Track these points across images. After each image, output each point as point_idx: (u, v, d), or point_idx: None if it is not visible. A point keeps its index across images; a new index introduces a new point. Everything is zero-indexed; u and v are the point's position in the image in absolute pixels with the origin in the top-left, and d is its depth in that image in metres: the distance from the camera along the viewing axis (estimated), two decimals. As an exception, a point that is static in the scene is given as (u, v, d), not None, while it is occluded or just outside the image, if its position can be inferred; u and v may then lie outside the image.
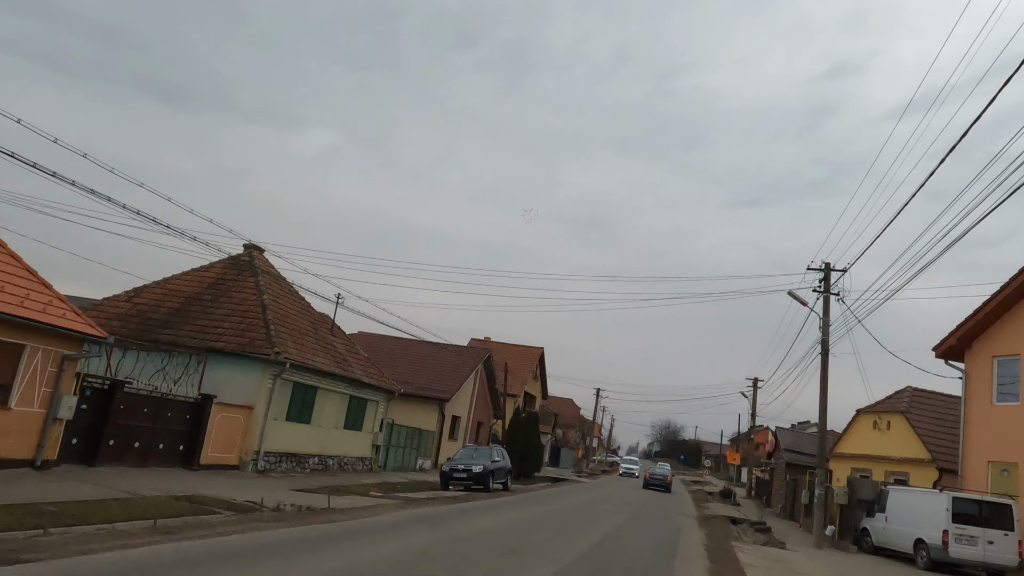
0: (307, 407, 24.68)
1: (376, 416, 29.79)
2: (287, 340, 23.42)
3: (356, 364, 28.31)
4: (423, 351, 40.98)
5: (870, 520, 20.64)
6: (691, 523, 24.02)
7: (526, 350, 55.77)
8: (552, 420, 67.50)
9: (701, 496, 44.12)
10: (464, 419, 40.81)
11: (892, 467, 25.05)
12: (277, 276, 27.49)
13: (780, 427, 37.48)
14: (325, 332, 27.89)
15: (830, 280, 21.88)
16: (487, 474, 25.41)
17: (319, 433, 25.49)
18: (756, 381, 52.41)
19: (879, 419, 26.29)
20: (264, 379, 22.08)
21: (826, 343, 21.47)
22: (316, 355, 24.93)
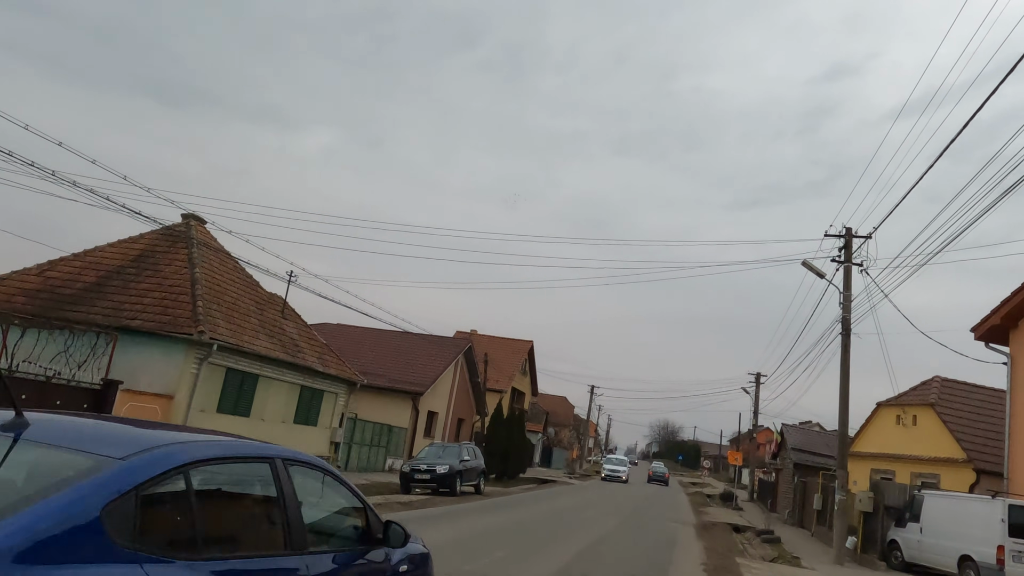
0: (246, 398, 21.40)
1: (335, 410, 26.50)
2: (218, 319, 20.13)
3: (310, 351, 25.03)
4: (396, 341, 37.71)
5: (900, 531, 17.38)
6: (688, 533, 20.75)
7: (514, 343, 52.45)
8: (543, 418, 64.21)
9: (700, 499, 40.83)
10: (442, 415, 37.51)
11: (919, 468, 21.79)
12: (219, 250, 24.20)
13: (787, 424, 34.38)
14: (275, 314, 24.60)
15: (851, 248, 18.62)
16: (453, 475, 22.12)
17: (261, 428, 22.17)
18: (759, 376, 49.23)
19: (903, 413, 23.02)
20: (187, 363, 18.81)
21: (847, 320, 18.21)
22: (257, 338, 21.65)
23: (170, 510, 3.05)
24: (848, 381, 17.92)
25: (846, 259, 18.65)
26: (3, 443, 2.84)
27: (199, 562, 2.94)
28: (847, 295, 18.34)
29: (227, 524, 3.53)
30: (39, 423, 3.23)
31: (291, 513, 3.64)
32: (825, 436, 34.04)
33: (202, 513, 3.17)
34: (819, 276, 18.75)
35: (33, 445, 2.96)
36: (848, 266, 18.54)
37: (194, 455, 3.20)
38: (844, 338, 18.17)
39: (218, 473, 3.48)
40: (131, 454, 2.89)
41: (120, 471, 2.77)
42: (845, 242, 18.75)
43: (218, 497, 3.57)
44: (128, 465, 2.82)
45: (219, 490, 3.58)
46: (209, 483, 3.40)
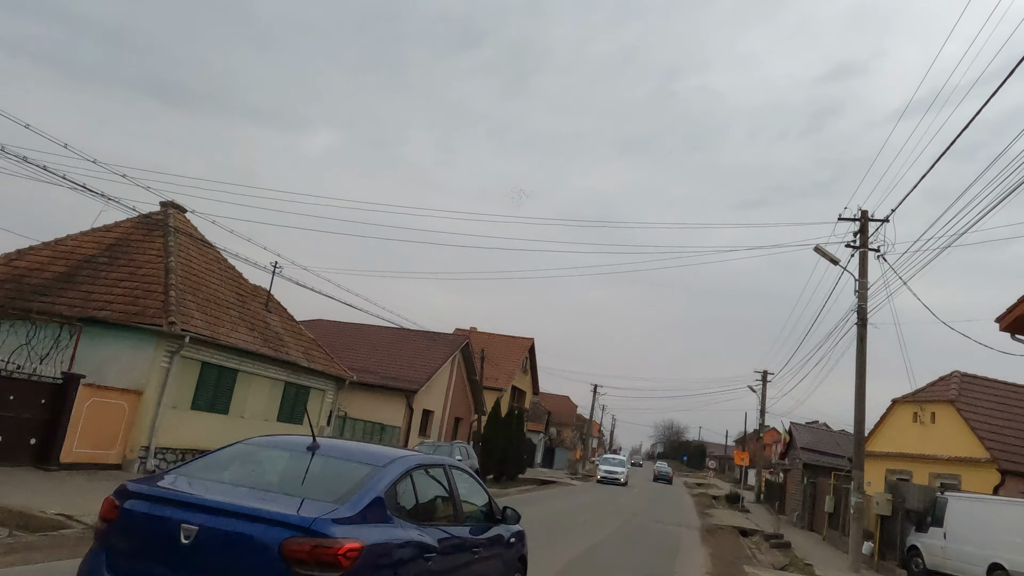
0: (223, 394, 20.23)
1: (323, 408, 25.33)
2: (193, 310, 18.97)
3: (296, 345, 23.86)
4: (391, 338, 36.55)
5: (921, 536, 16.10)
6: (692, 537, 19.51)
7: (514, 340, 51.20)
8: (545, 418, 62.94)
9: (705, 501, 39.54)
10: (438, 414, 36.31)
11: (938, 468, 20.50)
12: (199, 240, 23.03)
13: (796, 423, 33.00)
14: (258, 307, 23.45)
15: (868, 232, 17.36)
16: (444, 476, 20.87)
17: (241, 426, 20.99)
18: (765, 374, 47.86)
19: (920, 410, 21.70)
20: (157, 357, 17.64)
21: (863, 310, 16.95)
22: (236, 331, 20.48)
23: (405, 494, 5.01)
24: (864, 374, 16.65)
25: (862, 244, 17.40)
26: (307, 457, 5.06)
27: (419, 525, 4.95)
28: (863, 282, 17.08)
29: (429, 503, 5.48)
30: (326, 444, 5.37)
31: (456, 499, 5.84)
32: (835, 435, 32.73)
33: (418, 496, 5.20)
34: (832, 262, 17.49)
35: (328, 458, 5.09)
36: (864, 251, 17.29)
37: (412, 463, 5.32)
38: (860, 328, 16.90)
39: (423, 474, 5.46)
40: (386, 463, 5.03)
41: (384, 473, 4.88)
42: (860, 226, 17.50)
43: (424, 487, 5.44)
44: (386, 469, 4.93)
45: (424, 484, 5.46)
46: (420, 480, 5.35)
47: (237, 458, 5.24)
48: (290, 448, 5.32)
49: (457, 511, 5.81)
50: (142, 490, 4.45)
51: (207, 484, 4.68)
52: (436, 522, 5.38)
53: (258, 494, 4.49)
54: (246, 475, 4.99)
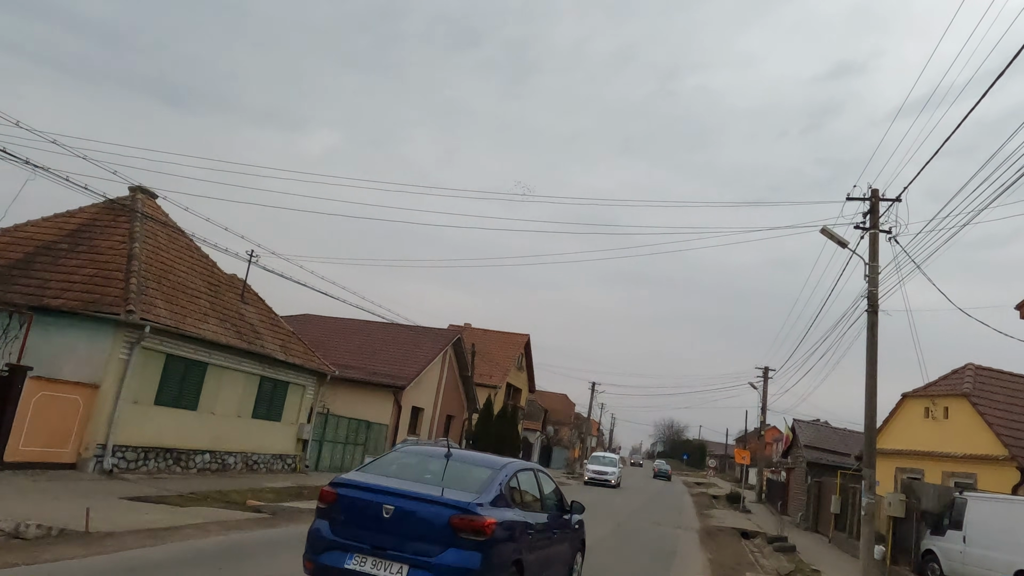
0: (191, 389, 19.02)
1: (303, 404, 24.12)
2: (156, 299, 17.76)
3: (273, 338, 22.65)
4: (379, 333, 35.35)
5: (937, 540, 14.88)
6: (690, 541, 18.30)
7: (509, 336, 49.97)
8: (542, 416, 61.68)
9: (704, 501, 38.32)
10: (429, 411, 35.09)
11: (952, 466, 19.27)
12: (170, 227, 21.81)
13: (800, 420, 31.75)
14: (233, 298, 22.23)
15: (878, 212, 16.12)
16: (426, 476, 19.66)
17: (211, 423, 19.82)
18: (767, 371, 46.63)
19: (933, 405, 20.47)
20: (115, 348, 16.44)
21: (874, 296, 15.72)
22: (205, 321, 19.27)
23: (513, 489, 7.24)
24: (875, 365, 15.42)
25: (872, 225, 16.16)
26: (445, 462, 7.15)
27: (522, 510, 7.14)
28: (874, 266, 15.84)
29: (526, 496, 7.72)
30: (456, 453, 7.49)
31: (542, 494, 8.30)
32: (839, 433, 31.52)
33: (520, 491, 7.48)
34: (841, 245, 16.26)
35: (461, 463, 7.25)
36: (875, 233, 16.05)
37: (516, 468, 7.67)
38: (871, 315, 15.67)
39: (522, 475, 7.81)
40: (500, 467, 7.30)
41: (500, 474, 7.05)
42: (871, 205, 16.26)
43: (523, 485, 7.80)
44: (501, 472, 7.14)
45: (523, 482, 7.81)
46: (521, 479, 7.67)
47: (397, 462, 7.53)
48: (433, 455, 7.62)
49: (542, 503, 8.26)
50: (350, 482, 6.76)
51: (388, 480, 6.85)
52: (530, 509, 7.67)
53: (425, 487, 6.68)
54: (409, 473, 7.15)
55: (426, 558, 6.18)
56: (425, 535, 6.26)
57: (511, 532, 6.74)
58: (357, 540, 6.39)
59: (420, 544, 6.24)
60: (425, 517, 6.31)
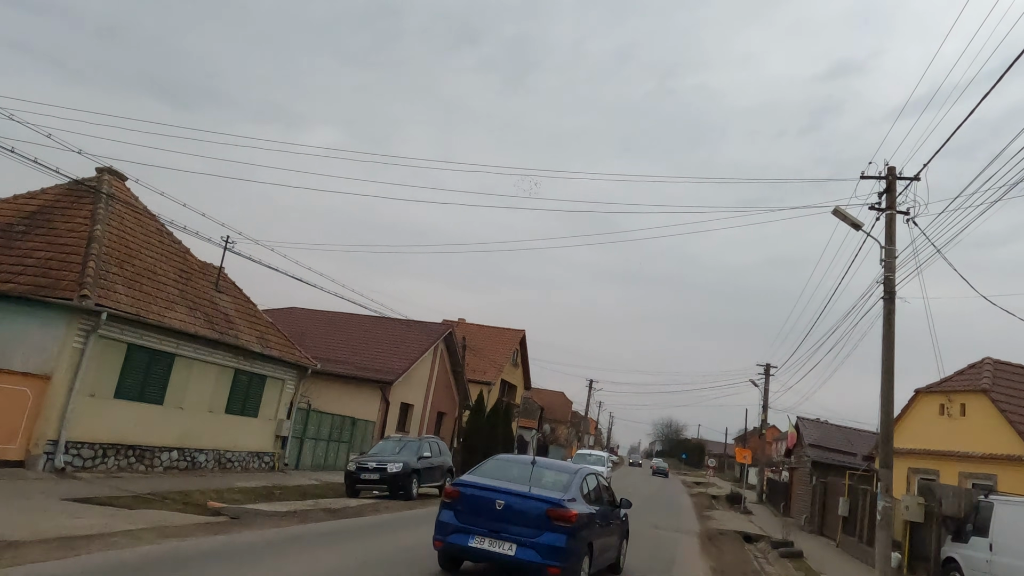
0: (157, 381, 17.76)
1: (282, 399, 22.87)
2: (117, 284, 16.51)
3: (249, 329, 21.40)
4: (368, 326, 34.10)
5: (960, 547, 13.64)
6: (691, 546, 17.07)
7: (504, 332, 48.73)
8: (538, 413, 60.49)
9: (704, 502, 37.10)
10: (419, 408, 33.84)
11: (970, 467, 18.06)
12: (140, 210, 20.55)
13: (803, 417, 30.50)
14: (206, 286, 20.98)
15: (895, 191, 14.89)
16: (408, 475, 18.43)
17: (180, 418, 18.58)
18: (768, 368, 45.45)
19: (948, 402, 19.25)
20: (69, 336, 15.19)
21: (891, 282, 14.48)
22: (172, 309, 18.02)
23: (584, 488, 9.65)
24: (892, 356, 14.19)
25: (889, 205, 14.92)
26: (530, 467, 9.47)
27: (590, 505, 9.43)
28: (890, 249, 14.61)
29: (592, 494, 9.91)
30: (540, 461, 10.07)
31: (600, 492, 10.56)
32: (845, 431, 30.29)
33: (588, 490, 9.78)
34: (854, 227, 15.02)
35: (544, 468, 9.79)
36: (891, 214, 14.81)
37: (585, 472, 10.13)
38: (887, 303, 14.43)
39: (587, 478, 10.14)
40: (575, 472, 9.90)
41: (576, 477, 9.62)
42: (887, 184, 15.02)
43: (589, 485, 10.00)
44: (576, 475, 9.69)
45: (590, 483, 10.11)
46: (588, 481, 10.23)
47: (496, 467, 9.90)
48: (521, 462, 10.07)
49: (600, 499, 10.38)
50: (469, 483, 9.07)
51: (495, 481, 9.06)
52: (595, 504, 9.81)
53: (522, 486, 8.84)
54: (507, 476, 9.31)
55: (528, 538, 8.39)
56: (527, 522, 8.48)
57: (586, 521, 9.10)
58: (476, 525, 8.59)
59: (523, 528, 8.46)
60: (527, 509, 8.54)
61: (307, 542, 10.35)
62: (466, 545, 8.56)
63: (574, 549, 8.55)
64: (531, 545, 8.32)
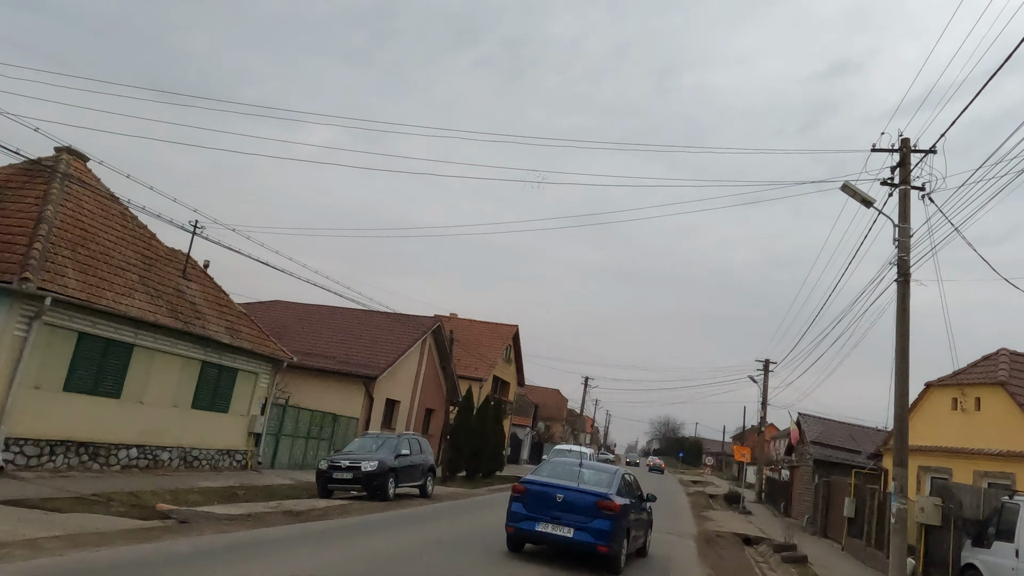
0: (113, 373, 16.51)
1: (255, 393, 21.62)
2: (67, 268, 15.26)
3: (219, 319, 20.15)
4: (353, 320, 32.86)
5: (982, 553, 12.45)
6: (687, 551, 15.87)
7: (496, 328, 47.45)
8: (532, 411, 59.28)
9: (701, 501, 35.92)
10: (406, 404, 32.61)
11: (985, 465, 16.88)
12: (102, 192, 19.28)
13: (805, 414, 29.29)
14: (172, 273, 19.73)
15: (910, 165, 13.67)
16: (384, 474, 17.19)
17: (140, 413, 17.34)
18: (767, 363, 44.30)
19: (962, 395, 18.07)
20: (9, 323, 13.93)
21: (905, 263, 13.28)
22: (130, 296, 16.77)
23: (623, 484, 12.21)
24: (908, 342, 12.98)
25: (902, 180, 13.70)
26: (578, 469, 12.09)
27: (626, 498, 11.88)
28: (904, 228, 13.39)
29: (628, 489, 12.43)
30: (586, 463, 12.72)
31: (632, 487, 12.98)
32: (848, 428, 29.12)
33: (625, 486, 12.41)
34: (865, 204, 13.79)
35: (590, 469, 12.36)
36: (906, 189, 13.59)
37: (623, 472, 12.88)
38: (901, 286, 13.22)
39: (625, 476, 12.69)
40: (615, 472, 12.55)
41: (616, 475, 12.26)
42: (901, 158, 13.80)
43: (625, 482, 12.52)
44: (616, 474, 12.37)
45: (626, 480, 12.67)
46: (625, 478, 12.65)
47: (551, 468, 12.64)
48: (571, 464, 12.59)
49: (632, 493, 12.71)
50: (534, 481, 11.45)
51: (554, 479, 11.53)
52: (629, 498, 12.12)
53: (574, 483, 11.28)
54: (562, 475, 11.82)
55: (583, 524, 10.59)
56: (581, 511, 10.69)
57: (625, 510, 11.25)
58: (540, 513, 10.83)
59: (578, 516, 10.67)
60: (580, 500, 10.80)
61: (243, 552, 9.09)
62: (534, 530, 10.95)
63: (617, 532, 10.89)
64: (585, 529, 10.64)
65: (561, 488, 11.01)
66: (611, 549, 10.56)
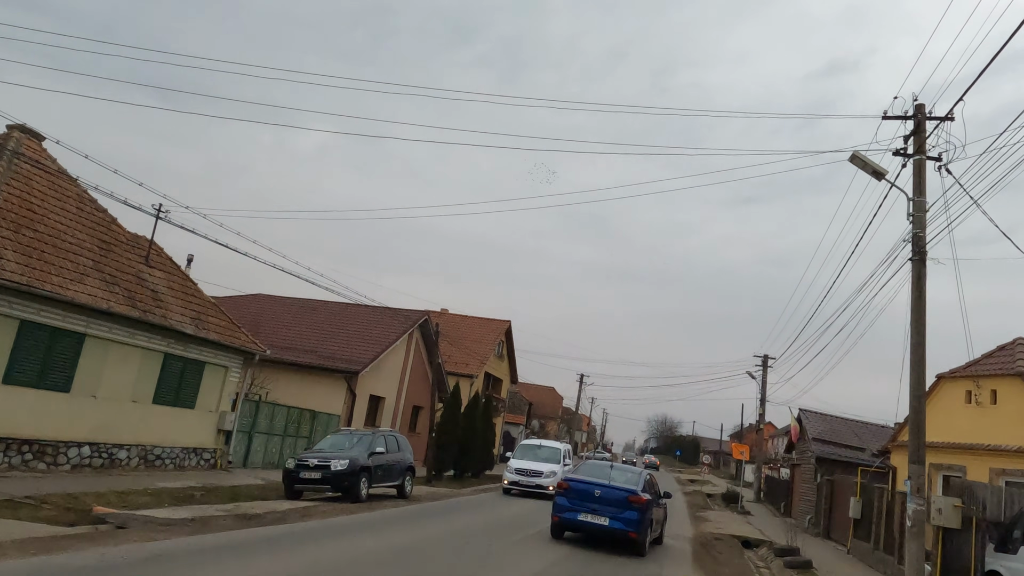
0: (62, 365, 15.27)
1: (224, 388, 20.36)
2: (6, 250, 14.01)
3: (183, 309, 18.90)
4: (337, 313, 31.62)
5: (1008, 560, 11.23)
6: (681, 556, 14.66)
7: (488, 323, 46.21)
8: (526, 409, 58.05)
9: (699, 501, 34.72)
10: (391, 401, 31.38)
11: (1003, 462, 15.67)
12: (56, 173, 18.02)
13: (806, 410, 28.11)
14: (133, 259, 18.49)
15: (925, 133, 12.45)
16: (355, 474, 15.94)
17: (93, 408, 16.10)
18: (766, 359, 43.17)
19: (977, 388, 16.88)
20: (-63, 308, 12.66)
21: (921, 240, 12.08)
22: (81, 282, 15.52)
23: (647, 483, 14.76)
24: (924, 327, 11.79)
25: (917, 149, 12.49)
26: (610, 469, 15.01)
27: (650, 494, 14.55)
28: (920, 202, 12.19)
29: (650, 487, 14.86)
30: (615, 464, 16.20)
31: (653, 485, 15.34)
32: (851, 425, 27.95)
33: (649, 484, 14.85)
34: (876, 176, 12.59)
35: (618, 470, 15.21)
36: (921, 159, 12.38)
37: (647, 473, 15.72)
38: (916, 265, 12.02)
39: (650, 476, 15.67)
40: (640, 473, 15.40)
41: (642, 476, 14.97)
42: (915, 125, 12.60)
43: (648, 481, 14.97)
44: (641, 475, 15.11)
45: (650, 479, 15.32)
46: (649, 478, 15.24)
47: (590, 467, 15.55)
48: (603, 466, 15.39)
49: (653, 490, 14.77)
50: (575, 479, 13.99)
51: (593, 477, 14.07)
52: (650, 494, 14.00)
53: (607, 481, 13.72)
54: (597, 475, 14.22)
55: (616, 514, 13.14)
56: (615, 504, 13.23)
57: (650, 503, 13.71)
58: (581, 505, 13.36)
59: (613, 507, 13.20)
60: (614, 495, 13.33)
61: (153, 566, 7.81)
62: (576, 519, 13.40)
63: (644, 522, 13.24)
64: (618, 519, 13.09)
65: (598, 485, 13.49)
66: (639, 535, 13.12)
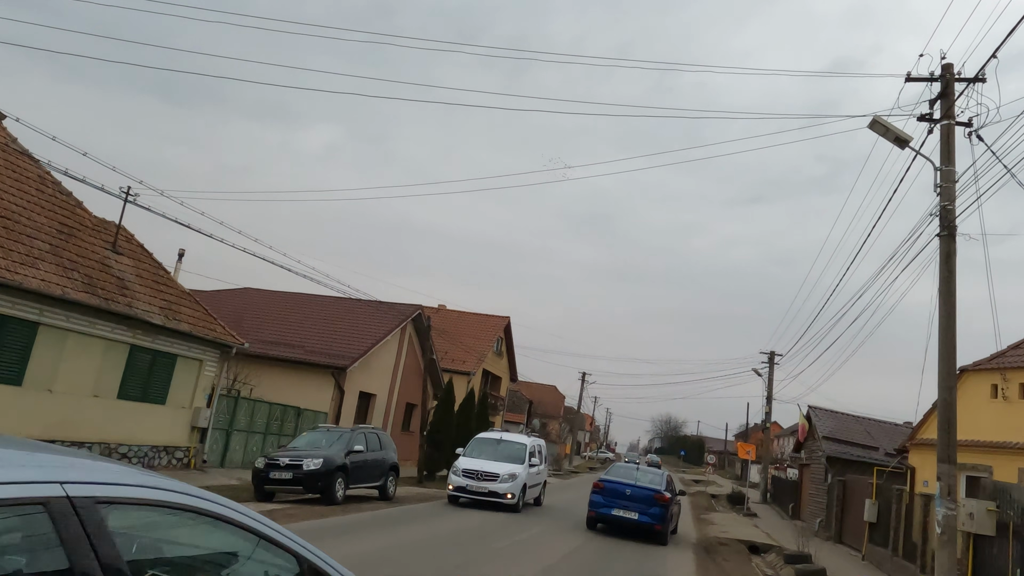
0: (11, 356, 14.16)
1: (199, 383, 19.20)
2: (-54, 229, 12.85)
3: (153, 298, 17.75)
4: (324, 307, 30.45)
5: (1049, 570, 9.98)
6: (684, 563, 13.41)
7: (486, 319, 45.00)
8: (526, 407, 56.83)
9: (703, 502, 33.47)
10: (383, 398, 30.22)
11: (1033, 462, 14.41)
12: (15, 152, 16.89)
13: (816, 407, 26.80)
14: (98, 244, 17.34)
15: (953, 96, 11.20)
16: (330, 474, 14.74)
17: (50, 403, 14.95)
18: (772, 356, 41.86)
19: (1003, 381, 15.62)
20: None
21: (950, 213, 10.84)
22: (34, 266, 14.36)
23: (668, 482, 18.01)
24: (954, 309, 10.56)
25: (945, 114, 11.25)
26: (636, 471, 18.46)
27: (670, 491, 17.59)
28: (948, 171, 10.95)
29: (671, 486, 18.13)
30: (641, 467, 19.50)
31: (672, 484, 18.28)
32: (863, 423, 26.67)
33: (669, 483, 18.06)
34: (899, 144, 11.34)
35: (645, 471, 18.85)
36: (949, 125, 11.13)
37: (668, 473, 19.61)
38: (945, 241, 10.78)
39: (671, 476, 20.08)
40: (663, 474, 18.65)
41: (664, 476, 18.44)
42: (943, 87, 11.35)
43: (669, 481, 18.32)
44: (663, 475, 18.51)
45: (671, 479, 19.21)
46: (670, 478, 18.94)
47: (619, 469, 18.57)
48: (630, 467, 19.04)
49: (672, 489, 17.38)
50: (608, 480, 17.00)
51: (623, 477, 17.13)
52: (670, 492, 16.87)
53: (634, 481, 16.79)
54: (626, 476, 17.31)
55: (644, 510, 15.73)
56: (643, 500, 15.87)
57: (671, 501, 16.44)
58: (613, 502, 16.02)
59: (641, 504, 15.80)
60: (642, 493, 16.01)
61: None
62: (610, 513, 16.04)
63: (666, 516, 15.92)
64: (646, 513, 15.75)
65: (628, 485, 16.27)
66: (663, 527, 15.79)
